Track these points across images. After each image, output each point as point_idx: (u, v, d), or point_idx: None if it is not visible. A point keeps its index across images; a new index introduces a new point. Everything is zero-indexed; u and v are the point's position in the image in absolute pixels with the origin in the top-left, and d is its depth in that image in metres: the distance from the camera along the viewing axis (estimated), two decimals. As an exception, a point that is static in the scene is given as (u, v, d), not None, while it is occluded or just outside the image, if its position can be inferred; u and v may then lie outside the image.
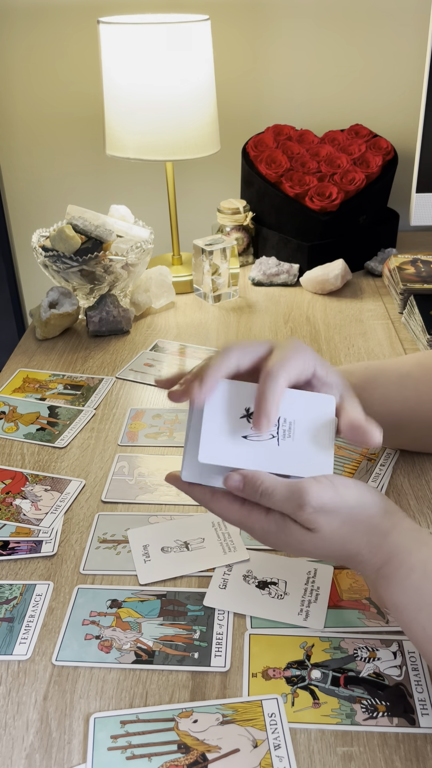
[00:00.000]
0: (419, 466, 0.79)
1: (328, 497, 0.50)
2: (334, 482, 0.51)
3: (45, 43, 1.41)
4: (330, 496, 0.50)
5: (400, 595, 0.50)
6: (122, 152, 1.19)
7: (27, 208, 1.59)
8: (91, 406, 0.94)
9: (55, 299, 1.12)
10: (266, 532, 0.53)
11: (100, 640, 0.60)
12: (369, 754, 0.51)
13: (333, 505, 0.50)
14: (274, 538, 0.53)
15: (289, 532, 0.52)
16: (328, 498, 0.50)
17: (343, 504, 0.51)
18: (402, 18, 1.38)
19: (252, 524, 0.53)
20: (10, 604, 0.64)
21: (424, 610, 0.50)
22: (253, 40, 1.41)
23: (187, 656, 0.58)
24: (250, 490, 0.52)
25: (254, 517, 0.53)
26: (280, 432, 0.54)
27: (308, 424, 0.54)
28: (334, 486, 0.51)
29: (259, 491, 0.51)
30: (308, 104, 1.47)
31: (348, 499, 0.51)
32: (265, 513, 0.53)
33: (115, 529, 0.72)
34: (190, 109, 1.15)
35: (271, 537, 0.53)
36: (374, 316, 1.16)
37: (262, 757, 0.50)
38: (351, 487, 0.52)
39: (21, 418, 0.92)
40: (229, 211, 1.34)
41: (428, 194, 1.21)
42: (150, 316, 1.21)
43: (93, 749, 0.51)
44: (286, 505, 0.51)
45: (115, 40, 1.12)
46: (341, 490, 0.51)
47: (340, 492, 0.51)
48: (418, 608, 0.50)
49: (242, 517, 0.53)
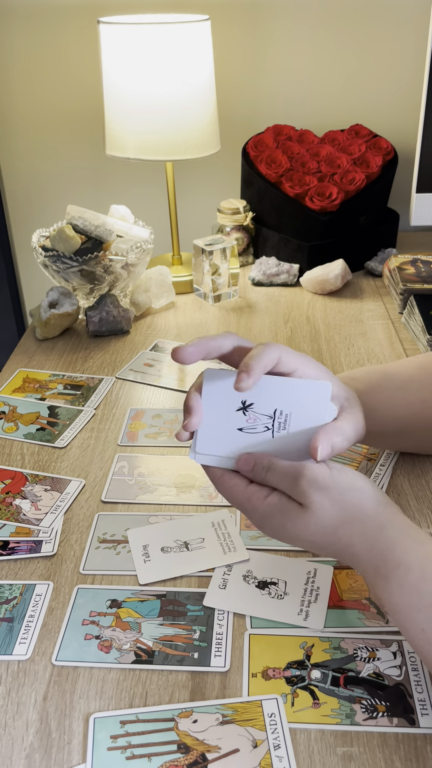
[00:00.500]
0: (419, 466, 0.79)
1: (322, 475, 0.52)
2: (330, 465, 0.53)
3: (45, 43, 1.41)
4: (324, 475, 0.52)
5: (398, 595, 0.50)
6: (122, 152, 1.19)
7: (27, 208, 1.59)
8: (91, 406, 0.94)
9: (55, 299, 1.12)
10: (264, 515, 0.54)
11: (100, 640, 0.60)
12: (369, 754, 0.51)
13: (325, 483, 0.52)
14: (269, 521, 0.54)
15: (284, 515, 0.53)
16: (322, 476, 0.52)
17: (334, 485, 0.52)
18: (402, 18, 1.38)
19: (252, 506, 0.54)
20: (10, 604, 0.64)
21: (422, 612, 0.49)
22: (253, 40, 1.41)
23: (187, 656, 0.58)
24: (259, 468, 0.54)
25: (255, 500, 0.54)
26: (275, 424, 0.55)
27: (303, 416, 0.54)
28: (330, 468, 0.53)
29: (266, 467, 0.54)
30: (308, 104, 1.47)
31: (340, 482, 0.52)
32: (265, 496, 0.54)
33: (115, 529, 0.72)
34: (190, 109, 1.15)
35: (267, 519, 0.54)
36: (374, 316, 1.16)
37: (262, 757, 0.50)
38: (345, 472, 0.53)
39: (21, 418, 0.92)
40: (229, 211, 1.34)
41: (428, 194, 1.21)
42: (150, 316, 1.21)
43: (93, 749, 0.51)
44: (285, 478, 0.53)
45: (115, 40, 1.12)
46: (335, 473, 0.52)
47: (333, 474, 0.52)
48: (416, 609, 0.50)
49: (244, 499, 0.55)
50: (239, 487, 0.55)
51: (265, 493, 0.54)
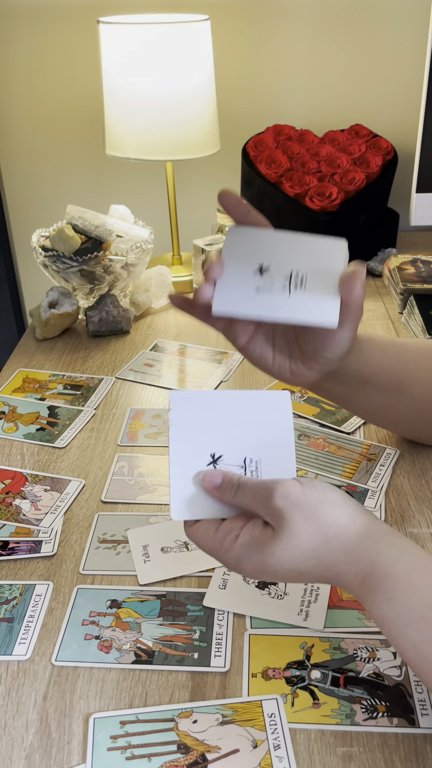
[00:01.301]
0: (419, 466, 0.79)
1: (294, 491, 0.51)
2: (301, 481, 0.52)
3: (45, 43, 1.41)
4: (296, 491, 0.51)
5: (387, 608, 0.48)
6: (122, 152, 1.19)
7: (27, 208, 1.59)
8: (90, 406, 0.94)
9: (54, 299, 1.12)
10: (239, 557, 0.52)
11: (100, 641, 0.60)
12: (369, 754, 0.51)
13: (297, 499, 0.50)
14: (246, 561, 0.52)
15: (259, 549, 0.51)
16: (294, 491, 0.51)
17: (306, 500, 0.51)
18: (402, 18, 1.38)
19: (225, 549, 0.53)
20: (10, 604, 0.64)
21: (413, 625, 0.48)
22: (253, 40, 1.41)
23: (187, 656, 0.58)
24: (228, 483, 0.53)
25: (227, 543, 0.52)
26: (291, 284, 0.56)
27: (319, 273, 0.56)
28: (301, 484, 0.52)
29: (235, 483, 0.53)
30: (308, 104, 1.47)
31: (311, 497, 0.51)
32: (235, 537, 0.52)
33: (115, 529, 0.72)
34: (190, 109, 1.15)
35: (244, 560, 0.52)
36: (374, 316, 1.16)
37: (262, 757, 0.50)
38: (314, 486, 0.52)
39: (21, 418, 0.92)
40: (229, 211, 1.33)
41: (428, 194, 1.21)
42: (150, 316, 1.21)
43: (93, 749, 0.51)
44: (256, 496, 0.52)
45: (115, 40, 1.12)
46: (306, 488, 0.51)
47: (305, 489, 0.51)
48: (406, 623, 0.48)
49: (217, 544, 0.53)
50: (209, 532, 0.54)
51: (235, 534, 0.52)
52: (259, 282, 0.57)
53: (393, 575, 0.49)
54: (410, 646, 0.48)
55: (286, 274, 0.56)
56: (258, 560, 0.51)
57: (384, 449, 0.82)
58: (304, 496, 0.51)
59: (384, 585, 0.49)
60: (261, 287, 0.57)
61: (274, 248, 0.59)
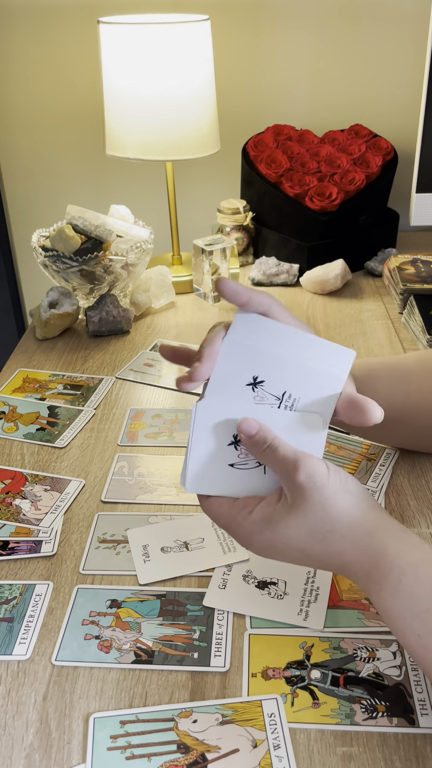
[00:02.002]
0: (419, 466, 0.79)
1: (320, 472, 0.51)
2: (328, 465, 0.52)
3: (45, 43, 1.41)
4: (321, 472, 0.51)
5: (392, 601, 0.49)
6: (122, 152, 1.19)
7: (27, 208, 1.59)
8: (90, 406, 0.94)
9: (55, 299, 1.12)
10: (250, 532, 0.53)
11: (100, 640, 0.60)
12: (368, 754, 0.51)
13: (322, 481, 0.51)
14: (257, 537, 0.53)
15: (271, 527, 0.52)
16: (320, 472, 0.51)
17: (328, 486, 0.51)
18: (402, 18, 1.38)
19: (237, 523, 0.54)
20: (10, 604, 0.64)
21: (418, 617, 0.48)
22: (253, 40, 1.41)
23: (187, 656, 0.58)
24: (260, 439, 0.53)
25: (240, 518, 0.54)
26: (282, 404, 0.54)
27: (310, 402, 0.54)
28: (327, 468, 0.52)
29: (267, 442, 0.53)
30: (308, 104, 1.47)
31: (334, 483, 0.51)
32: (249, 512, 0.53)
33: (115, 529, 0.72)
34: (190, 109, 1.15)
35: (255, 536, 0.53)
36: (374, 316, 1.16)
37: (262, 757, 0.50)
38: (339, 473, 0.52)
39: (21, 418, 0.92)
40: (229, 211, 1.34)
41: (428, 194, 1.21)
42: (150, 316, 1.21)
43: (92, 749, 0.51)
44: (284, 462, 0.52)
45: (115, 40, 1.12)
46: (331, 473, 0.52)
47: (330, 474, 0.52)
48: (412, 615, 0.48)
49: (230, 518, 0.54)
50: (223, 507, 0.55)
51: (249, 510, 0.53)
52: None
53: (399, 568, 0.50)
54: (415, 637, 0.48)
55: (278, 395, 0.54)
56: (268, 536, 0.52)
57: (384, 449, 0.82)
58: (327, 480, 0.51)
59: (390, 577, 0.50)
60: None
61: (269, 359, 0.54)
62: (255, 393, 0.54)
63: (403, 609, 0.49)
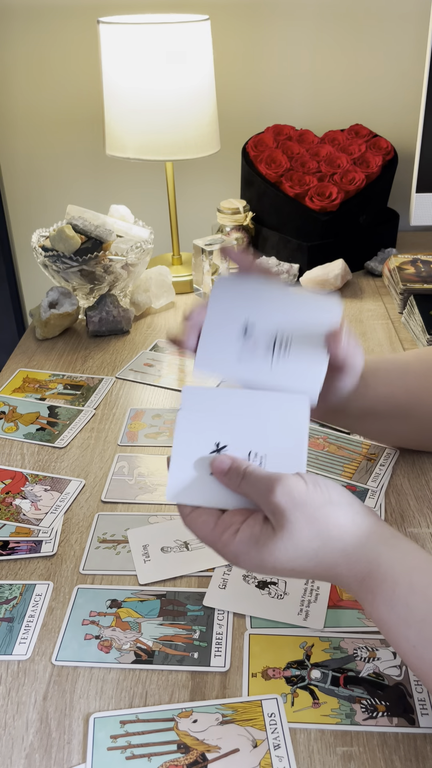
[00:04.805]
0: (419, 466, 0.79)
1: (297, 489, 0.50)
2: (306, 479, 0.51)
3: (45, 43, 1.41)
4: (299, 489, 0.50)
5: (386, 610, 0.48)
6: (122, 152, 1.19)
7: (27, 208, 1.59)
8: (90, 406, 0.94)
9: (55, 299, 1.12)
10: (237, 553, 0.51)
11: (100, 640, 0.60)
12: (368, 754, 0.51)
13: (301, 499, 0.49)
14: (245, 558, 0.51)
15: (258, 548, 0.50)
16: (297, 490, 0.49)
17: (309, 501, 0.50)
18: (402, 18, 1.38)
19: (223, 543, 0.52)
20: (10, 604, 0.64)
21: (413, 627, 0.47)
22: (253, 40, 1.41)
23: (187, 656, 0.58)
24: (234, 470, 0.52)
25: (226, 538, 0.52)
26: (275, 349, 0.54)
27: (307, 336, 0.54)
28: (305, 483, 0.50)
29: (242, 472, 0.52)
30: (308, 104, 1.47)
31: (315, 498, 0.50)
32: (234, 532, 0.51)
33: (115, 529, 0.72)
34: (189, 109, 1.15)
35: (242, 557, 0.51)
36: (374, 316, 1.16)
37: (262, 757, 0.50)
38: (319, 486, 0.51)
39: (21, 418, 0.92)
40: (229, 211, 1.34)
41: (428, 194, 1.21)
42: (150, 316, 1.21)
43: (93, 749, 0.51)
44: (259, 487, 0.50)
45: (115, 40, 1.12)
46: (310, 488, 0.50)
47: (309, 489, 0.50)
48: (407, 625, 0.48)
49: (215, 537, 0.52)
50: (208, 525, 0.53)
51: (235, 529, 0.51)
52: (243, 344, 0.54)
53: (392, 577, 0.49)
54: (410, 648, 0.48)
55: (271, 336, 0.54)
56: (257, 558, 0.51)
57: (384, 449, 0.82)
58: (307, 496, 0.50)
59: (383, 587, 0.49)
60: (244, 351, 0.54)
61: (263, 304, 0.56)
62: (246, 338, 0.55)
63: (398, 619, 0.48)
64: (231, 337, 0.55)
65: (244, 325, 0.54)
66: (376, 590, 0.49)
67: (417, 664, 0.48)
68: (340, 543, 0.50)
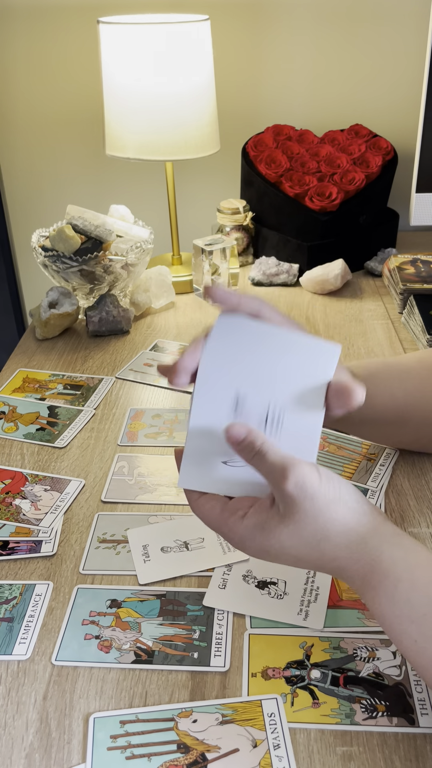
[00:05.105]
0: (419, 466, 0.79)
1: (311, 481, 0.49)
2: (320, 471, 0.51)
3: (45, 43, 1.41)
4: (312, 481, 0.50)
5: (388, 607, 0.49)
6: (122, 152, 1.19)
7: (27, 208, 1.59)
8: (90, 406, 0.94)
9: (54, 299, 1.12)
10: (243, 538, 0.52)
11: (100, 640, 0.60)
12: (368, 754, 0.51)
13: (312, 491, 0.49)
14: (250, 543, 0.52)
15: (264, 533, 0.51)
16: (310, 482, 0.49)
17: (321, 495, 0.50)
18: (402, 18, 1.38)
19: (229, 528, 0.53)
20: (10, 604, 0.64)
21: (415, 623, 0.48)
22: (253, 40, 1.41)
23: (187, 656, 0.58)
24: (249, 444, 0.51)
25: (232, 523, 0.52)
26: (267, 425, 0.53)
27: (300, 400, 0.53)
28: (319, 475, 0.50)
29: (256, 448, 0.51)
30: (308, 104, 1.47)
31: (327, 493, 0.50)
32: (241, 517, 0.52)
33: (115, 529, 0.72)
34: (189, 109, 1.15)
35: (248, 542, 0.52)
36: (374, 316, 1.16)
37: (262, 756, 0.50)
38: (332, 481, 0.51)
39: (21, 418, 0.92)
40: (229, 211, 1.34)
41: (428, 194, 1.21)
42: (150, 316, 1.21)
43: (92, 749, 0.51)
44: (273, 470, 0.50)
45: (115, 40, 1.12)
46: (323, 482, 0.50)
47: (322, 483, 0.50)
48: (408, 621, 0.48)
49: (221, 522, 0.53)
50: (215, 510, 0.53)
51: (242, 514, 0.52)
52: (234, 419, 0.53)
53: (394, 574, 0.49)
54: (411, 642, 0.48)
55: (263, 411, 0.53)
56: (262, 543, 0.51)
57: (384, 449, 0.82)
58: (319, 489, 0.50)
59: (385, 583, 0.49)
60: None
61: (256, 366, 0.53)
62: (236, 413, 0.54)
63: (400, 615, 0.48)
64: (221, 413, 0.54)
65: (236, 398, 0.54)
66: (378, 586, 0.49)
67: (418, 660, 0.48)
68: (343, 538, 0.51)
